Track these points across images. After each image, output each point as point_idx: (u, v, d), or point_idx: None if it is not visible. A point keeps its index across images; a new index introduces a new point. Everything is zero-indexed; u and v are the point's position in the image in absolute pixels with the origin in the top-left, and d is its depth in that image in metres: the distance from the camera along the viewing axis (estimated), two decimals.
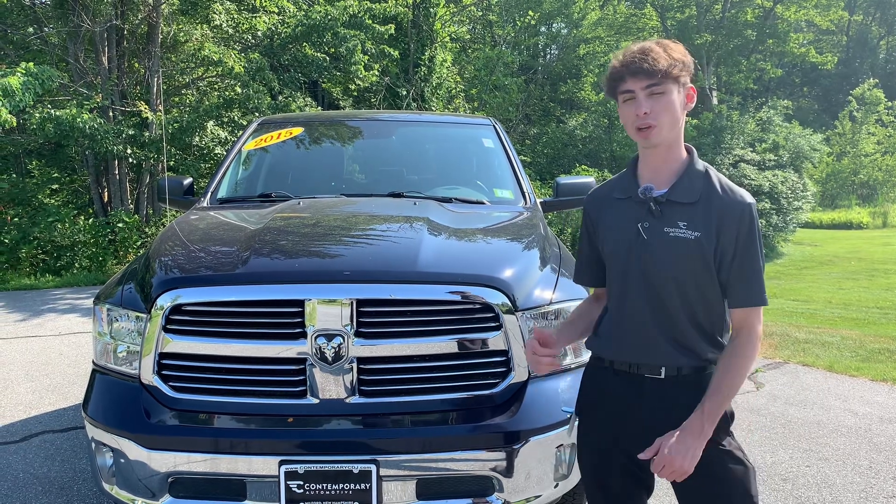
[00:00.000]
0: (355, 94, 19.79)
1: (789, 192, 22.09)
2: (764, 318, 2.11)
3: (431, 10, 18.69)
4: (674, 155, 2.08)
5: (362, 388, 2.68)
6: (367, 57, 16.10)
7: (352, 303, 2.63)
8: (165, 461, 2.63)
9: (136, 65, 14.68)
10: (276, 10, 15.45)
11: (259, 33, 15.34)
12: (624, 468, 2.18)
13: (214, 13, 13.99)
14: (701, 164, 2.09)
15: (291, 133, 4.90)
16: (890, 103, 38.71)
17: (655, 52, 1.98)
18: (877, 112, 38.71)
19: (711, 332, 2.07)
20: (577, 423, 2.30)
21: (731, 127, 25.19)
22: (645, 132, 2.00)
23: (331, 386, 2.66)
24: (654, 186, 2.06)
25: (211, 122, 13.89)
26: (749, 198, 2.03)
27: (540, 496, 2.73)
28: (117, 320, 2.90)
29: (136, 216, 13.68)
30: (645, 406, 2.08)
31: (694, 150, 2.12)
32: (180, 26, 14.33)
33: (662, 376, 2.05)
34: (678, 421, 2.01)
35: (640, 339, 2.07)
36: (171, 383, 2.75)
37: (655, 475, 2.16)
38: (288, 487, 2.56)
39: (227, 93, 14.62)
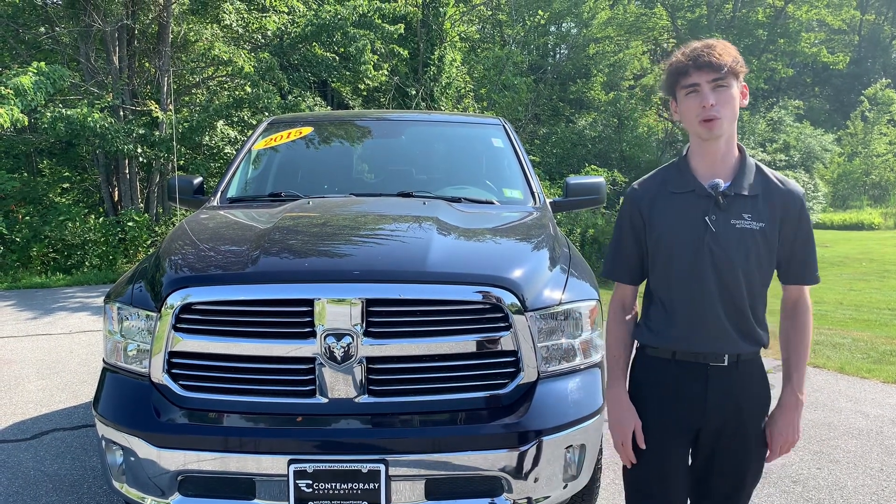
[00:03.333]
0: (365, 93, 19.81)
1: None
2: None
3: (441, 9, 18.69)
4: (731, 149, 2.19)
5: (371, 387, 2.69)
6: (376, 56, 16.12)
7: (361, 302, 2.63)
8: (175, 459, 2.63)
9: (147, 64, 14.74)
10: (286, 10, 15.49)
11: (269, 33, 15.38)
12: (681, 455, 2.29)
13: (224, 13, 14.03)
14: (752, 160, 2.21)
15: (301, 133, 4.91)
16: None
17: (720, 48, 2.08)
18: (889, 112, 38.44)
19: (761, 316, 2.20)
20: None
21: (742, 127, 25.11)
22: (709, 123, 2.09)
23: (340, 385, 2.67)
24: (722, 181, 2.14)
25: (221, 122, 13.94)
26: (800, 188, 2.22)
27: (549, 497, 2.73)
28: (128, 319, 2.91)
29: (146, 215, 13.73)
30: (708, 393, 2.18)
31: (744, 147, 2.23)
32: (191, 26, 14.38)
33: (725, 363, 2.17)
34: (739, 405, 2.19)
35: (711, 329, 2.15)
36: (180, 382, 2.75)
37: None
38: (297, 486, 2.56)
39: (236, 92, 14.66)
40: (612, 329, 2.38)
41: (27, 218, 13.25)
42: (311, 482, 2.56)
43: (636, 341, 2.36)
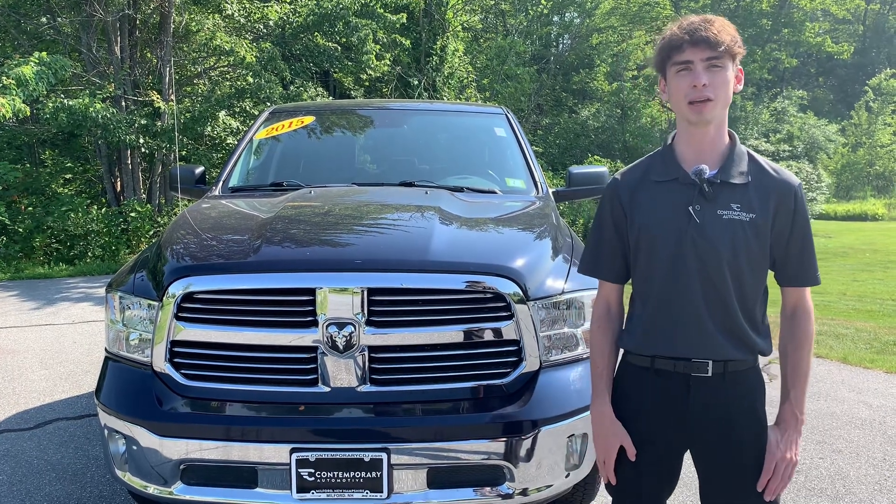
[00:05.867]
0: (367, 83, 19.77)
1: (804, 183, 21.98)
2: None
3: None
4: (721, 135, 2.01)
5: (373, 376, 2.68)
6: (378, 46, 16.07)
7: (363, 291, 2.62)
8: (177, 448, 2.64)
9: (149, 54, 14.71)
10: (288, 0, 15.44)
11: (271, 23, 15.33)
12: (661, 472, 2.12)
13: (226, 2, 13.99)
14: (743, 147, 2.04)
15: (303, 122, 4.89)
16: None
17: (719, 24, 1.90)
18: (893, 102, 38.31)
19: (759, 319, 2.01)
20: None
21: (746, 117, 25.05)
22: (699, 105, 1.91)
23: (342, 374, 2.66)
24: (707, 167, 1.96)
25: (222, 112, 13.93)
26: (796, 178, 2.02)
27: (551, 486, 2.72)
28: (129, 308, 2.91)
29: (148, 205, 13.75)
30: (690, 408, 1.99)
31: (735, 133, 2.07)
32: (192, 16, 14.34)
33: (709, 374, 1.96)
34: (728, 422, 1.99)
35: (691, 330, 1.96)
36: (182, 371, 2.75)
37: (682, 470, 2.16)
38: (299, 475, 2.56)
39: (238, 82, 14.63)
40: (595, 337, 2.16)
41: (30, 208, 13.27)
42: (313, 470, 2.56)
43: (621, 349, 2.16)
